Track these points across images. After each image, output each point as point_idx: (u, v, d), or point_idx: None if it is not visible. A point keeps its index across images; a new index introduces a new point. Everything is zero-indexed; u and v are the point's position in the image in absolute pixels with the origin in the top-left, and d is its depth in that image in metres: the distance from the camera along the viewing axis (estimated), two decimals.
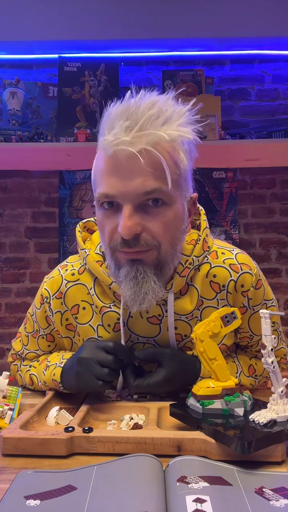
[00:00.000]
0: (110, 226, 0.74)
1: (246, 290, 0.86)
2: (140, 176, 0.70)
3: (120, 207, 0.72)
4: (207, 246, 0.86)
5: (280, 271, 2.20)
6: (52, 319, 0.89)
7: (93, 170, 0.78)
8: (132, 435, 0.63)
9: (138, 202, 0.71)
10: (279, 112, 2.18)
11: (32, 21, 2.01)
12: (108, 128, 0.70)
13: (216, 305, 0.85)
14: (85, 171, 2.21)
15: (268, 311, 0.65)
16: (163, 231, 0.73)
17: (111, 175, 0.71)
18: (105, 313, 0.85)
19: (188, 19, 2.01)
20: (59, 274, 0.90)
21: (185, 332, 0.85)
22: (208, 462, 0.59)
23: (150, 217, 0.72)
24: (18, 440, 0.63)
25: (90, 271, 0.86)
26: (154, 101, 0.71)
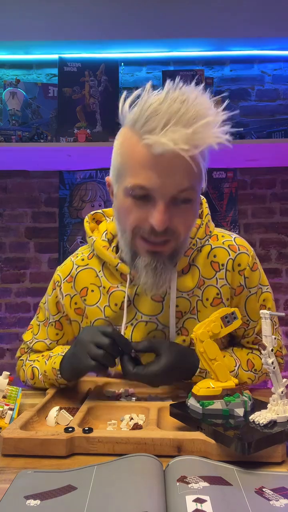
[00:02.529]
0: (138, 214, 0.77)
1: (242, 269, 0.92)
2: (178, 175, 0.73)
3: (152, 200, 0.75)
4: (208, 231, 0.93)
5: (280, 271, 2.20)
6: (62, 302, 0.96)
7: (122, 157, 0.79)
8: (132, 436, 0.63)
9: (171, 198, 0.75)
10: (279, 112, 2.18)
11: (32, 21, 2.01)
12: (155, 125, 0.70)
13: (215, 284, 0.91)
14: (85, 171, 2.21)
15: (268, 311, 0.65)
16: (185, 225, 0.79)
17: (150, 169, 0.73)
18: (113, 292, 0.92)
19: (188, 19, 2.01)
20: (70, 261, 0.99)
21: (185, 309, 0.90)
22: (208, 462, 0.59)
23: (177, 212, 0.77)
24: (18, 441, 0.63)
25: (98, 256, 0.93)
26: (206, 105, 0.71)
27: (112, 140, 1.23)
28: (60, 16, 2.01)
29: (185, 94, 0.71)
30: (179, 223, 0.77)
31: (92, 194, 2.21)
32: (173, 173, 0.73)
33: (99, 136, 2.02)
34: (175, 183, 0.74)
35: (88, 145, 1.88)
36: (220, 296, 0.92)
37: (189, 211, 0.79)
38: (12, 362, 2.20)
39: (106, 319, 0.92)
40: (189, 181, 0.75)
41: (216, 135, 0.71)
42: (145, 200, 0.76)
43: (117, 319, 0.92)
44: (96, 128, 2.05)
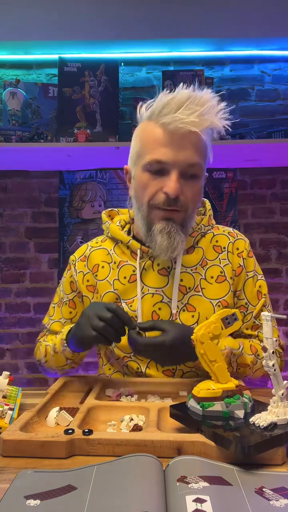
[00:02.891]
0: (154, 187, 0.92)
1: (240, 252, 1.05)
2: (189, 150, 0.89)
3: (166, 173, 0.90)
4: (211, 223, 1.07)
5: (280, 271, 2.20)
6: (76, 278, 1.07)
7: (141, 142, 0.94)
8: (132, 438, 0.63)
9: (182, 171, 0.90)
10: (279, 112, 2.18)
11: (32, 21, 2.01)
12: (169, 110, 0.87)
13: (219, 263, 1.03)
14: (85, 171, 2.21)
15: (270, 313, 0.65)
16: (192, 198, 0.93)
17: (165, 146, 0.89)
18: (122, 266, 1.02)
19: (188, 19, 2.01)
20: (86, 244, 1.13)
21: (189, 284, 1.00)
22: (208, 462, 0.59)
23: (186, 185, 0.91)
24: (18, 443, 0.63)
25: (111, 237, 1.06)
26: (211, 96, 0.88)
27: (112, 140, 1.29)
28: (60, 16, 2.01)
29: (192, 91, 0.88)
30: (188, 195, 0.91)
31: (92, 194, 2.21)
32: (184, 148, 0.88)
33: (99, 136, 2.02)
34: (186, 157, 0.89)
35: (88, 145, 1.89)
36: (224, 274, 1.02)
37: (196, 186, 0.93)
38: (12, 362, 2.20)
39: (115, 291, 1.01)
40: (197, 157, 0.90)
41: (221, 118, 0.88)
42: (160, 174, 0.91)
43: (125, 292, 1.01)
44: (96, 128, 2.05)
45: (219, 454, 0.61)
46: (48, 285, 2.21)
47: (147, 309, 0.98)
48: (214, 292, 1.00)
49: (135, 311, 0.98)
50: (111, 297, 1.01)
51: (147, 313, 0.98)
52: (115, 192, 2.20)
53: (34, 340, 1.95)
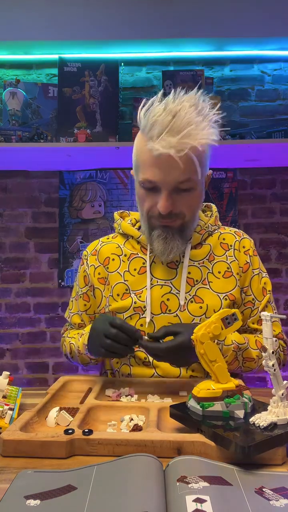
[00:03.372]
0: (149, 202, 0.98)
1: (247, 250, 1.11)
2: (175, 170, 0.92)
3: (159, 189, 0.95)
4: (218, 223, 1.14)
5: (280, 271, 2.20)
6: (88, 271, 1.13)
7: (137, 156, 0.99)
8: (132, 438, 0.64)
9: (172, 189, 0.95)
10: (279, 112, 2.18)
11: (32, 21, 2.01)
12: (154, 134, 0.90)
13: (226, 260, 1.07)
14: (85, 171, 2.21)
15: (269, 314, 0.65)
16: (188, 207, 0.98)
17: (154, 167, 0.93)
18: (133, 259, 1.08)
19: (188, 19, 2.01)
20: (97, 240, 1.19)
21: (197, 277, 1.04)
22: (208, 462, 0.59)
23: (180, 198, 0.96)
24: (18, 443, 0.63)
25: (123, 233, 1.13)
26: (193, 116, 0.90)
27: (112, 140, 1.30)
28: (60, 16, 2.01)
29: (179, 106, 0.90)
30: (183, 206, 0.97)
31: (92, 194, 2.21)
32: (171, 169, 0.92)
33: (99, 136, 2.02)
34: (174, 177, 0.93)
35: (88, 145, 1.89)
36: (231, 270, 1.06)
37: (191, 197, 0.97)
38: (12, 362, 2.20)
39: (125, 282, 1.06)
40: (185, 174, 0.93)
41: (200, 138, 0.90)
42: (154, 190, 0.96)
43: (135, 283, 1.05)
44: (96, 128, 2.05)
45: (219, 454, 0.61)
46: (48, 285, 2.21)
47: (156, 299, 1.02)
48: (221, 286, 1.04)
49: (143, 302, 1.02)
50: (121, 287, 1.05)
51: (156, 303, 1.02)
52: (115, 192, 2.20)
53: (34, 340, 1.95)
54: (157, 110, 0.91)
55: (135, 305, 1.02)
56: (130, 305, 1.03)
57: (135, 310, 1.03)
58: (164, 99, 0.93)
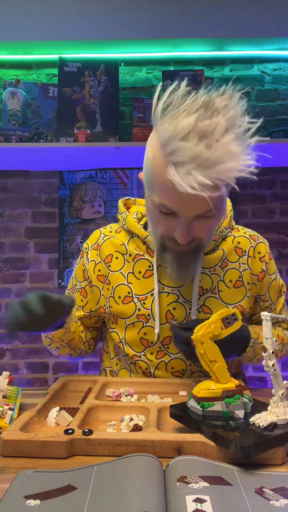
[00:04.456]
0: (164, 225, 0.84)
1: (263, 256, 1.03)
2: (199, 202, 0.75)
3: (176, 215, 0.81)
4: (231, 224, 1.04)
5: (280, 271, 2.20)
6: (87, 266, 1.05)
7: (151, 170, 0.81)
8: (132, 438, 0.63)
9: (193, 217, 0.81)
10: (279, 112, 2.18)
11: (32, 21, 2.01)
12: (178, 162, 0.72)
13: (238, 268, 1.00)
14: (85, 171, 2.21)
15: (270, 313, 0.65)
16: (207, 232, 0.86)
17: (173, 195, 0.76)
18: (138, 260, 1.00)
19: (188, 19, 2.01)
20: (98, 231, 1.09)
21: (207, 286, 0.97)
22: (208, 462, 0.59)
23: (200, 225, 0.83)
24: (18, 443, 0.63)
25: (128, 230, 1.03)
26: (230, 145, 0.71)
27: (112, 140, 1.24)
28: (60, 16, 2.01)
29: (214, 121, 0.71)
30: (201, 232, 0.84)
31: (92, 194, 2.21)
32: (195, 201, 0.76)
33: (99, 136, 2.02)
34: (196, 208, 0.79)
35: (88, 145, 1.89)
36: (242, 279, 1.00)
37: (211, 222, 0.84)
38: (12, 362, 2.20)
39: (128, 285, 0.99)
40: (209, 205, 0.77)
41: (238, 172, 0.72)
42: (171, 215, 0.82)
43: (139, 287, 0.98)
44: (96, 128, 2.05)
45: (219, 454, 0.61)
46: (48, 285, 2.21)
47: (162, 308, 0.97)
48: (231, 296, 0.98)
49: (148, 309, 0.97)
50: (124, 290, 0.99)
51: (161, 312, 0.97)
52: (115, 192, 2.20)
53: (34, 340, 1.94)
54: (184, 125, 0.70)
55: (139, 312, 0.97)
56: (134, 312, 0.98)
57: (139, 318, 0.97)
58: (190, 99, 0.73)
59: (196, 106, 0.72)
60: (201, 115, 0.71)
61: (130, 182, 2.20)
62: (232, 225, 1.05)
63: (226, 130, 0.72)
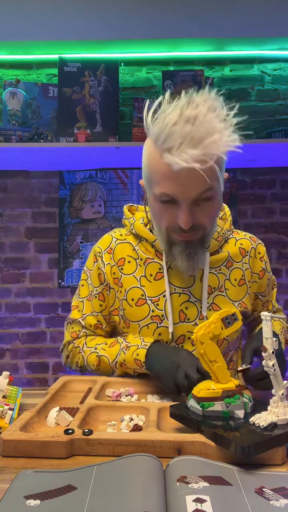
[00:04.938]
0: (168, 217, 0.91)
1: (262, 256, 1.13)
2: (196, 182, 0.84)
3: (177, 202, 0.88)
4: (231, 227, 1.12)
5: (280, 271, 2.20)
6: (104, 270, 1.07)
7: (149, 169, 0.90)
8: (132, 438, 0.63)
9: (193, 201, 0.87)
10: (279, 112, 2.18)
11: (32, 21, 2.01)
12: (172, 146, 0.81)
13: (241, 267, 1.07)
14: (85, 171, 2.21)
15: (269, 314, 0.65)
16: (208, 217, 0.91)
17: (172, 180, 0.85)
18: (149, 263, 1.04)
19: (188, 19, 2.01)
20: (109, 235, 1.12)
21: (214, 284, 1.03)
22: (208, 462, 0.59)
23: (201, 210, 0.89)
24: (18, 443, 0.63)
25: (136, 234, 1.07)
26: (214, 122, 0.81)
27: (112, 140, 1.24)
28: (60, 16, 2.01)
29: (196, 110, 0.81)
30: (203, 218, 0.90)
31: (92, 194, 2.21)
32: (191, 181, 0.84)
33: (99, 136, 2.02)
34: (194, 189, 0.85)
35: (88, 145, 1.89)
36: (244, 278, 1.07)
37: (211, 206, 0.90)
38: (12, 362, 2.20)
39: (141, 288, 1.03)
40: (206, 184, 0.84)
41: (224, 146, 0.82)
42: (172, 203, 0.89)
43: (151, 289, 1.02)
44: (96, 128, 2.05)
45: (219, 454, 0.61)
46: (48, 285, 2.21)
47: (175, 308, 1.01)
48: (235, 294, 1.05)
49: (162, 310, 1.00)
50: (137, 292, 1.03)
51: (175, 312, 1.01)
52: (115, 192, 2.20)
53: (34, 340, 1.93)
54: (171, 117, 0.81)
55: (153, 313, 1.01)
56: (148, 313, 1.01)
57: (153, 319, 1.01)
58: (174, 102, 0.84)
59: (179, 104, 0.83)
60: (183, 107, 0.82)
61: (130, 182, 2.20)
62: (232, 229, 1.13)
63: (206, 114, 0.81)
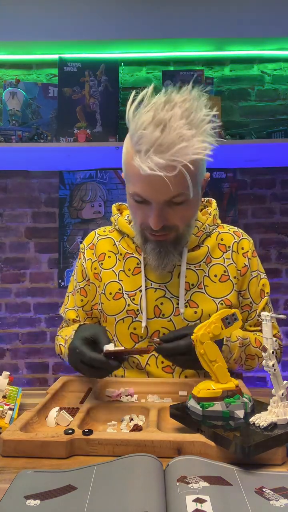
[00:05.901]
0: (141, 215, 0.93)
1: (246, 252, 1.07)
2: (166, 187, 0.84)
3: (149, 202, 0.89)
4: (216, 222, 1.09)
5: (280, 271, 2.20)
6: (85, 265, 1.10)
7: (125, 165, 0.91)
8: (132, 438, 0.63)
9: (164, 203, 0.88)
10: (279, 112, 2.18)
11: (32, 21, 2.01)
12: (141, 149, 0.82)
13: (223, 263, 1.04)
14: (85, 171, 2.21)
15: (269, 313, 0.65)
16: (181, 219, 0.92)
17: (143, 182, 0.86)
18: (128, 258, 1.05)
19: (188, 19, 2.01)
20: (93, 232, 1.15)
21: (192, 281, 1.01)
22: (208, 462, 0.59)
23: (173, 211, 0.90)
24: (18, 443, 0.63)
25: (119, 230, 1.08)
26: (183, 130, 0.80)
27: (112, 140, 1.23)
28: (60, 16, 2.01)
29: (171, 111, 0.81)
30: (176, 219, 0.91)
31: (92, 194, 2.21)
32: (161, 186, 0.84)
33: (99, 136, 2.02)
34: (164, 193, 0.86)
35: (88, 145, 1.89)
36: (228, 274, 1.04)
37: (185, 209, 0.91)
38: (12, 362, 2.20)
39: (119, 282, 1.04)
40: (177, 189, 0.85)
41: (192, 154, 0.81)
42: (145, 203, 0.90)
43: (128, 283, 1.03)
44: (96, 128, 2.05)
45: (219, 454, 0.61)
46: (48, 285, 2.21)
47: (150, 303, 1.00)
48: (217, 290, 1.02)
49: (137, 305, 1.01)
50: (115, 286, 1.04)
51: (149, 307, 1.00)
52: (115, 192, 2.20)
53: (34, 340, 1.94)
54: (145, 118, 0.81)
55: (128, 307, 1.01)
56: (124, 307, 1.01)
57: (128, 313, 1.01)
58: (154, 99, 0.84)
59: (158, 103, 0.83)
60: (159, 108, 0.82)
61: None
62: (218, 223, 1.10)
63: (180, 118, 0.81)
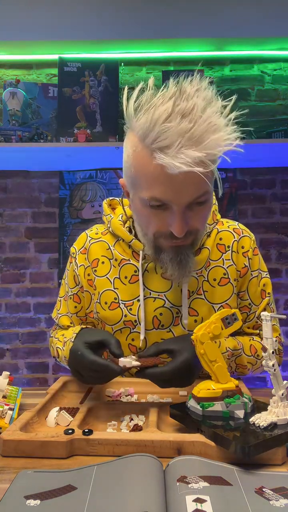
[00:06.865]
0: (157, 221, 0.81)
1: (246, 251, 0.99)
2: (192, 186, 0.75)
3: (169, 207, 0.78)
4: (215, 218, 1.01)
5: (280, 271, 2.20)
6: (77, 272, 1.01)
7: (135, 169, 0.79)
8: (132, 438, 0.63)
9: (187, 206, 0.78)
10: (279, 112, 2.18)
11: (32, 21, 2.01)
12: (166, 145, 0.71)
13: (222, 264, 0.97)
14: (85, 171, 2.21)
15: (269, 313, 0.65)
16: (201, 222, 0.83)
17: (165, 184, 0.75)
18: (124, 265, 0.97)
19: (188, 19, 2.01)
20: (84, 233, 1.07)
21: (192, 288, 0.94)
22: (208, 462, 0.59)
23: (194, 214, 0.80)
24: (18, 443, 0.63)
25: (113, 233, 0.99)
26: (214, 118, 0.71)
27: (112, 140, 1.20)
28: (60, 16, 2.01)
29: (190, 103, 0.71)
30: (196, 222, 0.81)
31: (92, 194, 2.21)
32: (188, 186, 0.75)
33: (99, 136, 2.02)
34: (190, 194, 0.76)
35: (88, 145, 1.89)
36: (228, 276, 0.97)
37: (204, 209, 0.82)
38: (12, 362, 2.20)
39: (115, 291, 0.96)
40: (203, 188, 0.76)
41: (225, 146, 0.72)
42: (162, 208, 0.79)
43: (125, 292, 0.96)
44: (96, 128, 2.05)
45: (219, 454, 0.61)
46: (48, 285, 2.21)
47: (149, 314, 0.94)
48: (217, 296, 0.96)
49: (135, 315, 0.94)
50: (110, 295, 0.97)
51: (148, 317, 0.94)
52: (115, 192, 2.20)
53: (34, 340, 1.94)
54: (161, 109, 0.70)
55: (126, 318, 0.95)
56: (120, 318, 0.95)
57: (125, 324, 0.95)
58: (162, 91, 0.74)
59: (169, 95, 0.72)
60: (176, 99, 0.71)
61: None
62: (217, 219, 1.02)
63: (204, 107, 0.71)
